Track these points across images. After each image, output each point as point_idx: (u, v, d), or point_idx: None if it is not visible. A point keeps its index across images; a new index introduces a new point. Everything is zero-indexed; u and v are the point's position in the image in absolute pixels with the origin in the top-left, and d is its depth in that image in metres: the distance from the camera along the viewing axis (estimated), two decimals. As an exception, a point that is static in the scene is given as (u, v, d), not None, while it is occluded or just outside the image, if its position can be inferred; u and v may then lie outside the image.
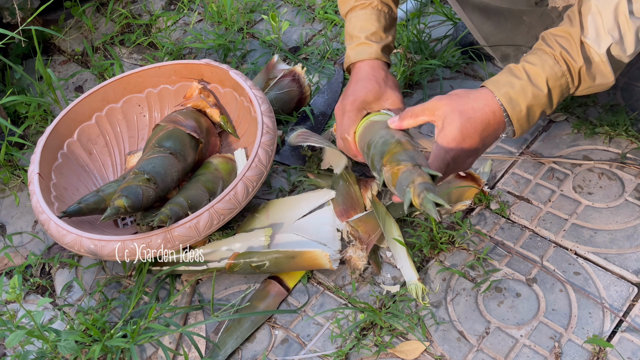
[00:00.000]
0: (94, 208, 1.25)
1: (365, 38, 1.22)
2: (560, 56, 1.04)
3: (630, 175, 1.32)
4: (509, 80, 1.04)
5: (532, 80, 1.04)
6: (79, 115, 1.43)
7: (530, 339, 1.12)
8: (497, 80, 1.05)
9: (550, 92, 1.04)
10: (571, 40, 1.04)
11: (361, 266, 1.22)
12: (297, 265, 1.22)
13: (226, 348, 1.17)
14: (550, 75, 1.04)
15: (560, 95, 1.06)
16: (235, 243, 1.26)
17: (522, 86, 1.03)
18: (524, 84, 1.03)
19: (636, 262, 1.20)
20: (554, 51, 1.04)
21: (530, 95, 1.03)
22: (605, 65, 1.04)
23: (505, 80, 1.04)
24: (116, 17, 1.88)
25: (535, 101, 1.04)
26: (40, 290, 1.32)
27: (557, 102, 1.06)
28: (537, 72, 1.04)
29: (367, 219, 1.26)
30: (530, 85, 1.03)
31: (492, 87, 1.04)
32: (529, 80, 1.03)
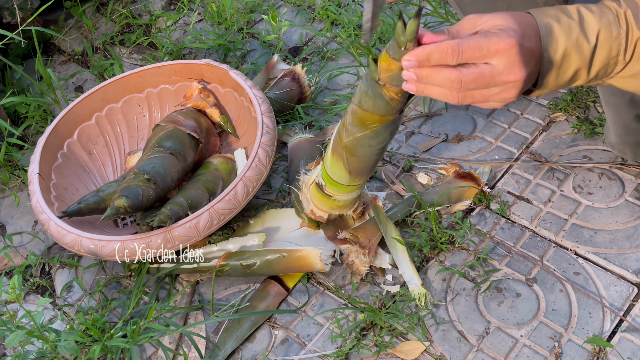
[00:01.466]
0: (94, 208, 1.25)
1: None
2: (624, 16, 0.83)
3: (630, 175, 1.32)
4: (557, 14, 0.83)
5: (582, 23, 0.83)
6: (79, 115, 1.43)
7: (530, 339, 1.12)
8: (544, 10, 0.84)
9: (596, 47, 0.83)
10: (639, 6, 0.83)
11: (363, 271, 1.21)
12: (288, 265, 1.21)
13: (226, 348, 1.17)
14: (604, 29, 0.83)
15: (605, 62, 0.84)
16: (228, 245, 1.26)
17: (569, 24, 0.82)
18: (572, 24, 0.82)
19: (636, 262, 1.20)
20: (619, 8, 0.84)
21: (575, 39, 0.82)
22: None
23: (553, 13, 0.83)
24: (116, 17, 1.88)
25: (576, 49, 0.82)
26: (40, 290, 1.32)
27: (597, 68, 0.84)
28: (591, 18, 0.83)
29: (367, 226, 1.26)
30: (578, 28, 0.82)
31: (536, 13, 0.83)
32: (579, 22, 0.83)
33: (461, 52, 0.77)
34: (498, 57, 0.77)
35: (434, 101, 1.52)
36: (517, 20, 0.80)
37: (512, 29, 0.79)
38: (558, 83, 0.85)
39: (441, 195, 1.30)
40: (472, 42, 0.78)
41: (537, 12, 0.84)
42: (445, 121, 1.48)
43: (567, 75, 0.84)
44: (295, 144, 1.42)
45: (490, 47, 0.77)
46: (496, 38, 0.77)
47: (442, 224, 1.28)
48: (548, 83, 0.84)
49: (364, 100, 0.96)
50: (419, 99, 1.53)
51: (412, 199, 1.30)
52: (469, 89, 0.79)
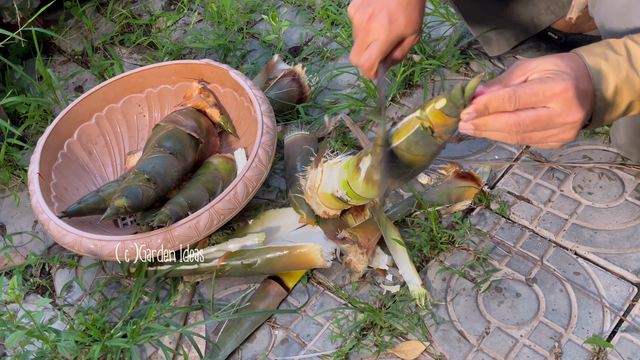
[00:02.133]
0: (94, 208, 1.25)
1: None
2: None
3: (630, 175, 1.32)
4: (604, 52, 0.84)
5: (631, 58, 0.83)
6: (79, 115, 1.43)
7: (530, 339, 1.12)
8: (590, 48, 0.85)
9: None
10: None
11: (361, 269, 1.21)
12: (289, 262, 1.21)
13: (226, 348, 1.17)
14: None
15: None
16: (228, 245, 1.26)
17: (617, 61, 0.83)
18: (620, 60, 0.83)
19: (636, 262, 1.20)
20: None
21: (624, 75, 0.82)
22: None
23: (600, 51, 0.84)
24: (116, 17, 1.88)
25: (627, 84, 0.82)
26: (40, 290, 1.32)
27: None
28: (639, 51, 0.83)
29: (366, 226, 1.26)
30: (627, 63, 0.82)
31: (583, 52, 0.84)
32: (627, 57, 0.83)
33: (518, 99, 0.79)
34: (555, 101, 0.78)
35: (434, 101, 1.52)
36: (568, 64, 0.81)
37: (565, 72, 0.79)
38: (612, 117, 0.86)
39: (441, 195, 1.30)
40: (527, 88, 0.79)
41: (584, 51, 0.84)
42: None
43: (621, 109, 0.85)
44: (291, 141, 1.42)
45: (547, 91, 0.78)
46: (551, 83, 0.78)
47: (442, 224, 1.28)
48: (602, 119, 0.85)
49: (413, 148, 0.96)
50: (419, 98, 1.53)
51: (412, 199, 1.30)
52: (527, 132, 0.80)
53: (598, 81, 0.83)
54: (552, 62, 0.81)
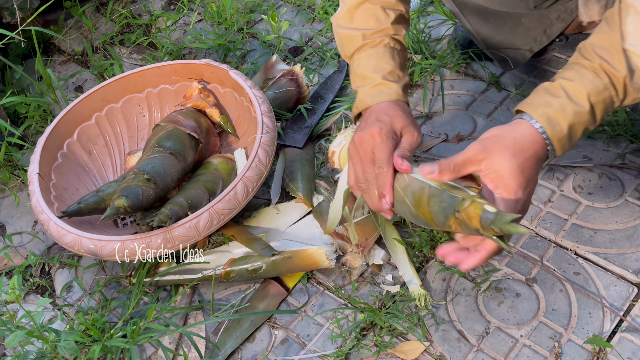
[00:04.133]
0: (94, 208, 1.25)
1: (382, 78, 1.07)
2: (601, 68, 0.93)
3: (630, 176, 1.32)
4: (547, 100, 0.94)
5: (571, 97, 0.93)
6: (79, 115, 1.43)
7: (530, 339, 1.12)
8: (533, 101, 0.95)
9: (593, 108, 0.94)
10: (612, 50, 0.93)
11: (357, 265, 1.22)
12: (294, 265, 1.22)
13: (226, 348, 1.17)
14: (591, 91, 0.93)
15: (604, 110, 0.95)
16: (231, 250, 1.27)
17: (561, 104, 0.93)
18: (563, 102, 0.93)
19: (636, 262, 1.19)
20: (592, 63, 0.94)
21: (571, 114, 0.93)
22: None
23: (542, 101, 0.94)
24: (116, 17, 1.88)
25: (577, 119, 0.93)
26: (40, 290, 1.32)
27: (600, 117, 0.96)
28: (576, 88, 0.94)
29: (364, 223, 1.26)
30: (570, 103, 0.93)
31: (528, 109, 0.95)
32: (567, 97, 0.93)
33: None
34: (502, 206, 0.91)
35: (434, 101, 1.52)
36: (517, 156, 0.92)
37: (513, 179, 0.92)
38: (573, 143, 0.96)
39: (441, 195, 1.29)
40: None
41: (528, 107, 0.94)
42: (445, 121, 1.47)
43: (578, 135, 0.96)
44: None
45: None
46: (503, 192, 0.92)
47: (442, 224, 1.28)
48: (564, 150, 0.96)
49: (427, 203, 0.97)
50: (419, 98, 1.53)
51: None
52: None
53: (552, 128, 0.93)
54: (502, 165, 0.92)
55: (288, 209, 1.33)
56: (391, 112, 1.04)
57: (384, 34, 1.10)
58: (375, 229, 1.25)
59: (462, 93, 1.53)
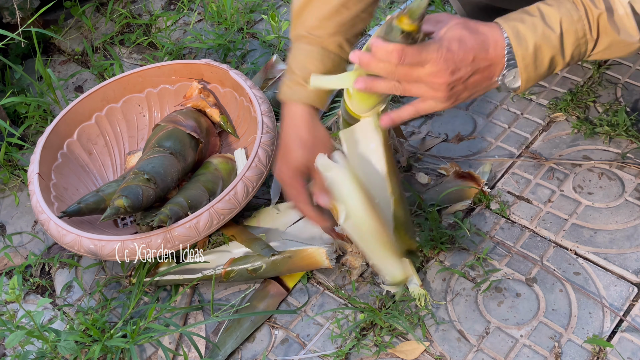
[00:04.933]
0: (94, 208, 1.25)
1: (302, 79, 1.09)
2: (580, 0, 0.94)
3: (630, 175, 1.32)
4: (520, 16, 0.95)
5: (544, 18, 0.94)
6: (79, 115, 1.43)
7: (530, 339, 1.12)
8: (508, 15, 0.96)
9: (562, 34, 0.93)
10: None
11: (357, 265, 1.22)
12: (294, 265, 1.22)
13: (226, 348, 1.17)
14: (565, 17, 0.93)
15: (576, 44, 0.95)
16: (231, 250, 1.27)
17: (532, 22, 0.93)
18: (535, 20, 0.93)
19: (636, 262, 1.20)
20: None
21: (540, 33, 0.93)
22: (630, 19, 0.94)
23: (516, 16, 0.95)
24: (116, 17, 1.88)
25: (544, 41, 0.93)
26: (40, 290, 1.32)
27: (570, 52, 0.95)
28: (551, 11, 0.94)
29: None
30: (541, 23, 0.93)
31: (501, 21, 0.95)
32: (541, 17, 0.94)
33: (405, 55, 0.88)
34: (429, 64, 0.89)
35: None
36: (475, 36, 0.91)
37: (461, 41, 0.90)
38: (539, 73, 0.95)
39: (441, 195, 1.30)
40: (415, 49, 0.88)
41: (502, 19, 0.94)
42: (445, 121, 1.47)
43: (545, 64, 0.94)
44: None
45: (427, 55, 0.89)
46: (433, 48, 0.89)
47: (442, 224, 1.28)
48: (528, 74, 0.94)
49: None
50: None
51: (412, 199, 1.30)
52: (403, 80, 0.91)
53: (518, 42, 0.92)
54: (458, 33, 0.91)
55: (288, 209, 1.33)
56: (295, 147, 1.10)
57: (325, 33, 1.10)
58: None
59: (462, 93, 1.53)
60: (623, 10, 0.94)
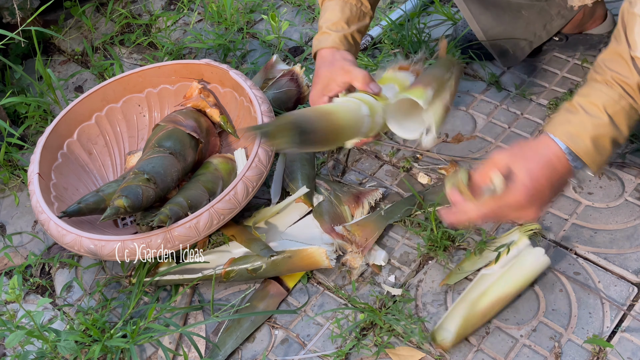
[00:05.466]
0: (94, 208, 1.25)
1: (326, 28, 1.26)
2: (612, 79, 0.98)
3: (630, 175, 1.32)
4: (566, 118, 1.00)
5: (588, 111, 0.98)
6: (79, 115, 1.43)
7: (530, 339, 1.12)
8: (554, 121, 1.01)
9: (612, 118, 0.98)
10: (620, 60, 0.98)
11: (357, 265, 1.22)
12: (294, 265, 1.22)
13: (226, 348, 1.17)
14: (606, 102, 0.98)
15: (628, 118, 0.99)
16: (231, 250, 1.27)
17: (580, 120, 0.98)
18: (582, 118, 0.98)
19: (636, 262, 1.20)
20: (604, 77, 0.99)
21: (591, 127, 0.98)
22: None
23: (562, 119, 1.00)
24: (116, 17, 1.88)
25: (598, 131, 0.98)
26: (40, 290, 1.32)
27: (626, 126, 1.00)
28: (591, 102, 0.99)
29: (364, 223, 1.26)
30: (588, 117, 0.98)
31: (549, 129, 1.00)
32: (585, 112, 0.98)
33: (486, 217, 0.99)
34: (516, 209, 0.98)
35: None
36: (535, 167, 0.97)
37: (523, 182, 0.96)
38: (605, 156, 1.00)
39: (441, 195, 1.30)
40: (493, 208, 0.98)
41: (549, 127, 1.00)
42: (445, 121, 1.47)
43: (607, 149, 0.99)
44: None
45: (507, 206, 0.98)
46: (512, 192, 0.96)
47: (442, 224, 1.28)
48: (597, 164, 1.00)
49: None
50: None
51: (413, 199, 1.31)
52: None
53: (574, 143, 0.97)
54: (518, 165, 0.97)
55: (288, 209, 1.33)
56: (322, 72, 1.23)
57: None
58: (376, 229, 1.25)
59: (462, 93, 1.53)
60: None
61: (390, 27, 1.65)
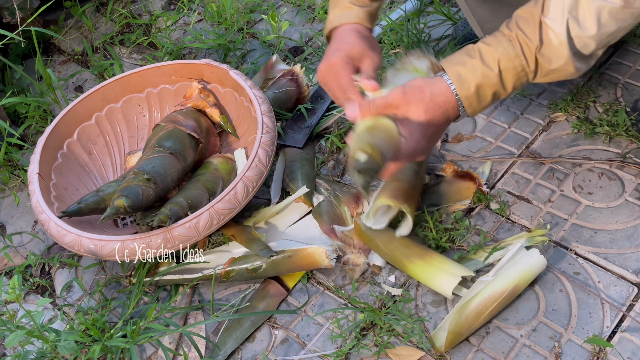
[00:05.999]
0: (94, 208, 1.25)
1: (350, 2, 1.19)
2: (516, 38, 1.01)
3: (630, 175, 1.32)
4: (462, 59, 1.04)
5: (483, 59, 1.02)
6: (79, 115, 1.43)
7: (530, 339, 1.12)
8: (451, 58, 1.05)
9: (501, 72, 1.02)
10: (530, 21, 1.01)
11: (360, 263, 1.22)
12: (294, 265, 1.22)
13: (226, 348, 1.17)
14: (502, 56, 1.02)
15: (516, 78, 1.04)
16: (231, 250, 1.27)
17: (472, 65, 1.03)
18: (475, 63, 1.03)
19: (636, 262, 1.19)
20: (510, 32, 1.02)
21: (480, 74, 1.02)
22: (564, 47, 1.00)
23: (458, 59, 1.04)
24: (116, 17, 1.88)
25: (485, 80, 1.02)
26: (40, 290, 1.32)
27: (512, 85, 1.04)
28: (489, 51, 1.02)
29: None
30: (480, 64, 1.02)
31: (446, 65, 1.04)
32: (480, 59, 1.03)
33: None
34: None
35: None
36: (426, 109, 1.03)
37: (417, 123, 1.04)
38: (483, 105, 1.05)
39: (440, 194, 1.30)
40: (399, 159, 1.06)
41: (446, 62, 1.05)
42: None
43: (487, 99, 1.05)
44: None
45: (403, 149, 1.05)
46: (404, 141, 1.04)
47: (442, 224, 1.28)
48: (473, 109, 1.05)
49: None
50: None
51: (412, 199, 1.31)
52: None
53: (460, 84, 1.03)
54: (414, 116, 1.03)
55: (288, 209, 1.33)
56: (351, 39, 1.15)
57: None
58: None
59: (462, 93, 1.53)
60: (557, 39, 1.00)
61: (390, 27, 1.65)
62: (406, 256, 1.18)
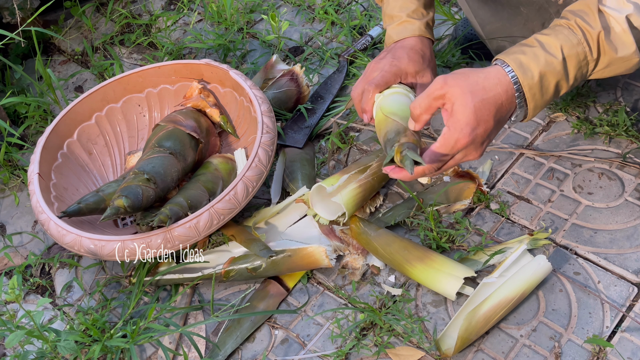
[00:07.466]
0: (94, 208, 1.25)
1: (407, 16, 1.19)
2: (576, 24, 0.97)
3: (630, 175, 1.32)
4: (521, 49, 0.98)
5: (545, 47, 0.97)
6: (79, 115, 1.43)
7: (530, 339, 1.12)
8: (509, 50, 1.00)
9: (565, 60, 0.96)
10: (588, 9, 0.97)
11: (359, 266, 1.22)
12: (294, 264, 1.22)
13: (226, 348, 1.17)
14: (564, 43, 0.96)
15: (578, 67, 0.98)
16: (231, 250, 1.27)
17: (534, 52, 0.97)
18: (536, 50, 0.97)
19: (636, 262, 1.20)
20: (568, 21, 0.98)
21: (543, 61, 0.96)
22: (627, 35, 0.96)
23: (517, 49, 0.99)
24: (116, 17, 1.88)
25: (548, 68, 0.96)
26: (40, 290, 1.32)
27: (574, 74, 0.98)
28: (550, 40, 0.97)
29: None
30: (543, 52, 0.96)
31: (503, 56, 0.98)
32: (541, 47, 0.97)
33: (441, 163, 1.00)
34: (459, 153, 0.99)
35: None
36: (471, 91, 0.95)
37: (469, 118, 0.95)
38: (545, 99, 0.99)
39: (439, 194, 1.30)
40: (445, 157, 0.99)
41: (503, 55, 0.98)
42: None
43: (550, 90, 0.98)
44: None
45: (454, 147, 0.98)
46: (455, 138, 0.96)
47: (442, 224, 1.28)
48: (536, 102, 0.99)
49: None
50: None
51: (412, 202, 1.30)
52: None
53: (523, 72, 0.96)
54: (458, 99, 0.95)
55: (288, 209, 1.33)
56: (410, 54, 1.15)
57: None
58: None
59: (462, 93, 1.53)
60: (619, 27, 0.97)
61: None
62: (406, 260, 1.18)
